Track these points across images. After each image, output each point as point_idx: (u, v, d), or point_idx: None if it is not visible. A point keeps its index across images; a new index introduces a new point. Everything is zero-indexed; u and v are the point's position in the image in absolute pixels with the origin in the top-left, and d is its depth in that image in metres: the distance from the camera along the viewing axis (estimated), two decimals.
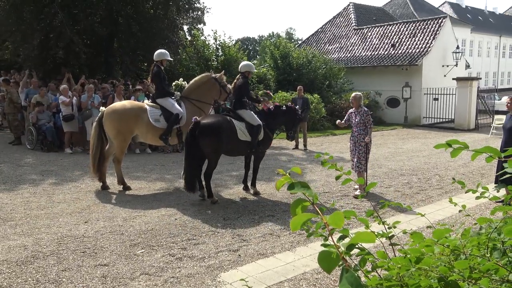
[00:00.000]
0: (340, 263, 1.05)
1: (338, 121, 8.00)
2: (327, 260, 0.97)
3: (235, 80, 7.85)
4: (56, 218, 6.17)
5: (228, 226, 5.91)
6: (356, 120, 7.57)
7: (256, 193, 7.55)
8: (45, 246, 5.09)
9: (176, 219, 6.21)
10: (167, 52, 8.24)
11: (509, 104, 6.89)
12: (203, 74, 8.43)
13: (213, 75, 8.16)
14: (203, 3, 18.40)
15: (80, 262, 4.67)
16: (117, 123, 7.48)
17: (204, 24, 20.13)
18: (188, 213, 6.47)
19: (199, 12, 18.93)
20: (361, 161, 7.51)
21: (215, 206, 6.86)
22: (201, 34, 20.97)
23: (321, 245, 1.36)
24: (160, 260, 4.75)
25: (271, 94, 8.91)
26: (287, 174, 1.18)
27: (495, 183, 6.99)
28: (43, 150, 11.47)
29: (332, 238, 1.10)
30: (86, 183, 8.31)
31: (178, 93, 8.12)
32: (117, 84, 12.35)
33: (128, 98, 11.99)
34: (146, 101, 8.16)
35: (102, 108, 7.98)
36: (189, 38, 20.39)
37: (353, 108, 7.75)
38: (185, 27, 19.62)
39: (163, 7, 16.08)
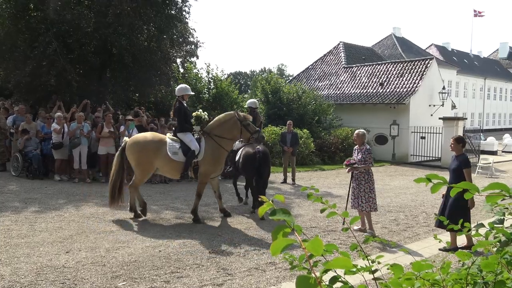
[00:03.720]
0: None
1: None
2: (305, 285, 0.97)
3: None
4: (36, 247, 6.02)
5: (213, 259, 5.81)
6: (358, 157, 7.43)
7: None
8: (23, 276, 4.93)
9: (160, 251, 6.10)
10: (188, 86, 8.45)
11: (452, 145, 6.81)
12: (227, 113, 8.63)
13: (237, 115, 8.27)
14: (197, 37, 18.76)
15: None
16: (138, 155, 7.73)
17: (197, 57, 20.44)
18: (173, 245, 6.37)
19: (193, 45, 19.26)
20: (363, 199, 7.29)
21: (203, 238, 6.76)
22: (194, 67, 21.28)
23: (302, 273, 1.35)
24: None
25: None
26: (270, 201, 1.19)
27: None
28: (28, 177, 11.31)
29: (310, 263, 1.10)
30: (70, 212, 8.17)
31: (198, 127, 8.17)
32: (106, 113, 12.35)
33: (118, 128, 12.02)
34: (168, 134, 8.30)
35: (125, 138, 8.26)
36: (182, 70, 20.65)
37: (357, 146, 7.64)
38: (178, 60, 19.90)
39: (157, 40, 16.36)
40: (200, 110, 8.49)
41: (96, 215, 7.98)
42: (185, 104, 8.26)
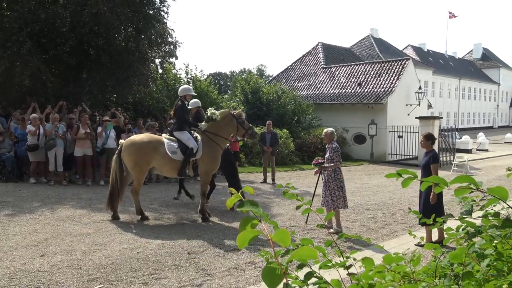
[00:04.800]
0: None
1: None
2: (271, 276, 0.96)
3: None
4: (10, 251, 5.86)
5: (192, 260, 5.77)
6: (326, 155, 7.50)
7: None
8: None
9: (138, 252, 6.02)
10: (190, 87, 8.66)
11: (422, 142, 6.96)
12: (222, 110, 8.69)
13: (232, 112, 8.41)
14: (176, 37, 18.57)
15: None
16: (135, 155, 7.69)
17: (176, 58, 20.26)
18: (151, 247, 6.29)
19: (171, 46, 19.08)
20: (332, 197, 7.33)
21: (180, 239, 6.70)
22: (172, 68, 21.11)
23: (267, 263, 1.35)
24: None
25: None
26: (239, 193, 1.19)
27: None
28: (1, 180, 11.01)
29: (274, 254, 1.10)
30: (45, 214, 7.99)
31: (203, 123, 8.24)
32: (82, 114, 12.13)
33: (95, 129, 11.82)
34: (164, 134, 8.35)
35: (121, 141, 8.17)
36: (160, 71, 20.46)
37: (327, 144, 7.68)
38: (157, 60, 19.69)
39: (134, 40, 16.15)
40: (211, 108, 8.50)
41: (72, 217, 7.83)
42: (187, 105, 8.41)
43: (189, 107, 8.76)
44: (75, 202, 9.14)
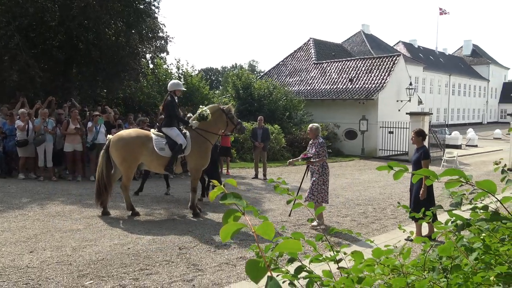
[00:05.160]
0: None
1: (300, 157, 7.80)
2: (254, 269, 0.95)
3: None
4: None
5: (183, 255, 5.76)
6: (312, 151, 7.54)
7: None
8: None
9: (129, 248, 5.99)
10: (180, 82, 8.58)
11: (413, 138, 7.03)
12: (211, 105, 8.58)
13: (221, 107, 8.30)
14: (166, 32, 18.39)
15: None
16: (123, 151, 7.60)
17: (167, 53, 20.14)
18: (142, 242, 6.27)
19: (162, 41, 18.94)
20: (313, 192, 7.39)
21: (171, 234, 6.69)
22: (163, 63, 20.98)
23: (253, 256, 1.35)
24: None
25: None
26: (222, 186, 1.18)
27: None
28: None
29: (258, 245, 1.10)
30: (35, 210, 7.91)
31: (195, 122, 8.08)
32: (72, 109, 12.01)
33: (85, 124, 11.71)
34: (152, 130, 8.23)
35: (109, 136, 8.05)
36: (151, 66, 20.33)
37: (311, 140, 7.79)
38: (148, 55, 19.55)
39: (125, 34, 15.99)
40: (203, 107, 8.28)
41: (62, 213, 7.77)
42: (176, 100, 8.27)
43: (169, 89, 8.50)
44: (65, 198, 9.07)
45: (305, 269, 1.70)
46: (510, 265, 1.37)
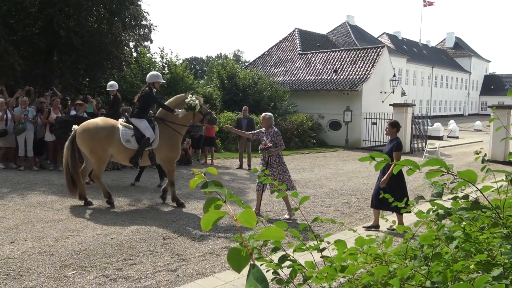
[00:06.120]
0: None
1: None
2: (236, 258, 0.95)
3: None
4: None
5: (167, 245, 5.74)
6: (268, 140, 7.40)
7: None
8: None
9: (112, 238, 5.95)
10: (160, 74, 8.36)
11: (387, 129, 7.08)
12: (177, 96, 8.32)
13: (186, 96, 7.97)
14: (150, 20, 18.09)
15: (2, 285, 4.32)
16: (89, 142, 7.41)
17: (151, 41, 19.87)
18: (126, 232, 6.23)
19: (146, 29, 18.68)
20: (283, 180, 7.31)
21: (154, 224, 6.66)
22: (147, 52, 20.72)
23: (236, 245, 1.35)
24: (92, 282, 4.51)
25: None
26: (202, 174, 1.16)
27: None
28: None
29: (240, 234, 1.09)
30: (15, 200, 7.78)
31: (181, 111, 7.74)
32: (53, 98, 11.78)
33: (67, 113, 11.52)
34: (120, 120, 7.93)
35: (74, 127, 7.78)
36: (135, 54, 20.05)
37: (264, 129, 7.58)
38: (131, 44, 19.26)
39: (107, 22, 15.73)
40: (191, 97, 7.88)
41: (43, 203, 7.65)
42: (154, 92, 8.09)
43: (108, 89, 8.53)
44: (46, 188, 8.94)
45: (288, 258, 1.72)
46: (489, 253, 1.40)
